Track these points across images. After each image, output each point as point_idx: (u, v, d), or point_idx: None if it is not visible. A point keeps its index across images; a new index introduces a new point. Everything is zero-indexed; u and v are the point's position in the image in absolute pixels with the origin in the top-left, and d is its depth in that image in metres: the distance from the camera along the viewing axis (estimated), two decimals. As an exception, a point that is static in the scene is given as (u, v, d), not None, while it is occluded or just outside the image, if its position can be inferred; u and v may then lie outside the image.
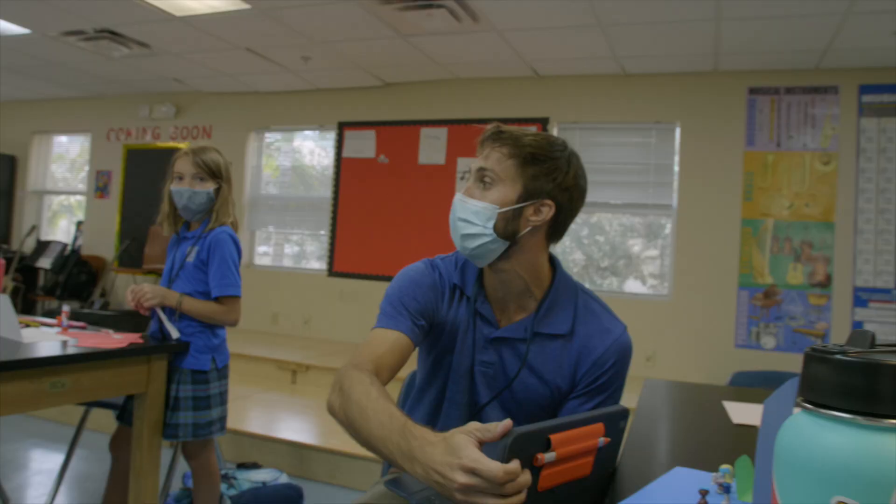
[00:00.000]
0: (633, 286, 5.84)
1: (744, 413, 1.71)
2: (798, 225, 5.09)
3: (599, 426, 1.06)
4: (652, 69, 5.49)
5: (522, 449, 0.92)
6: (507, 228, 1.35)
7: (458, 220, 1.38)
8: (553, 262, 1.48)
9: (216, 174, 2.48)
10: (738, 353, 5.16)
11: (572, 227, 1.47)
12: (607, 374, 1.38)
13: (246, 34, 5.29)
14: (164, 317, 2.39)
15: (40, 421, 4.36)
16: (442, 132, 6.26)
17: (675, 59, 5.20)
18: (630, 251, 5.90)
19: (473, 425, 0.97)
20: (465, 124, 6.13)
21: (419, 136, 6.37)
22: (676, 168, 5.53)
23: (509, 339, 1.41)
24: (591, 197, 5.67)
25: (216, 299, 2.44)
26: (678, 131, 5.53)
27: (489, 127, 1.40)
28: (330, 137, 6.89)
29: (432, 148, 6.30)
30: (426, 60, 5.70)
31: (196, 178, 2.45)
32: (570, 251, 6.08)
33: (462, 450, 0.92)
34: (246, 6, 4.62)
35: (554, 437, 0.97)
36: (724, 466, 0.97)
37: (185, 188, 2.44)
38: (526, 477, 0.92)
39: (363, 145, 6.61)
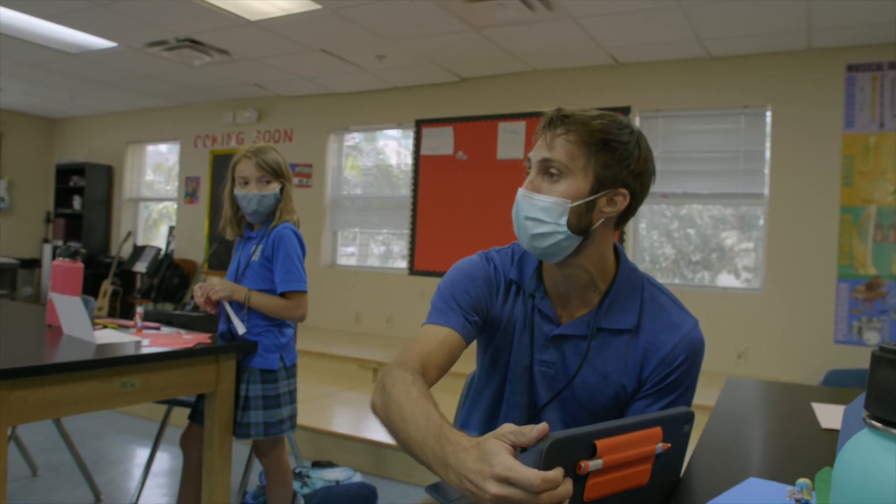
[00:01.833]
0: (726, 280, 5.56)
1: (835, 416, 1.53)
2: (905, 211, 4.71)
3: (657, 430, 0.95)
4: (739, 50, 5.20)
5: (563, 456, 0.83)
6: (581, 223, 1.24)
7: (525, 219, 1.26)
8: (616, 251, 1.37)
9: (279, 174, 2.46)
10: (837, 349, 4.83)
11: (662, 220, 1.35)
12: (676, 373, 1.26)
13: (319, 35, 5.34)
14: (231, 311, 2.39)
15: (131, 417, 4.53)
16: (520, 126, 6.15)
17: (764, 38, 4.90)
18: (723, 244, 5.62)
19: (507, 428, 0.88)
20: (544, 117, 5.99)
21: (497, 131, 6.28)
22: (768, 155, 5.22)
23: (571, 336, 1.31)
24: (677, 187, 5.39)
25: (282, 295, 2.42)
26: (769, 115, 5.23)
27: (549, 111, 1.29)
28: (410, 136, 6.88)
29: (510, 142, 6.20)
30: (501, 53, 5.60)
31: (262, 180, 2.43)
32: (658, 245, 5.85)
33: (494, 457, 0.84)
34: (317, 6, 4.65)
35: (600, 443, 0.87)
36: (802, 480, 0.84)
37: (252, 193, 2.42)
38: (567, 487, 0.82)
39: (441, 142, 6.58)
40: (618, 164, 1.24)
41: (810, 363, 4.83)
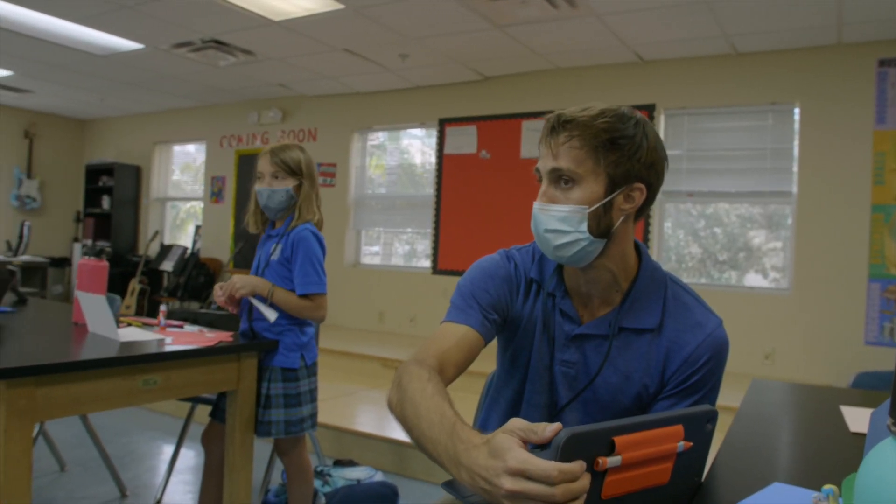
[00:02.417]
0: (753, 280, 5.48)
1: (864, 420, 1.48)
2: (938, 209, 4.60)
3: (678, 428, 0.92)
4: (766, 46, 5.12)
5: (580, 451, 0.81)
6: (601, 225, 1.22)
7: (545, 231, 1.24)
8: (638, 249, 1.34)
9: (295, 171, 2.48)
10: (868, 350, 4.73)
11: (688, 219, 1.32)
12: (700, 373, 1.23)
13: (342, 35, 5.35)
14: (257, 302, 2.40)
15: (157, 414, 4.57)
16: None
17: (792, 33, 4.82)
18: (750, 243, 5.53)
19: (516, 423, 0.85)
20: (568, 115, 5.95)
21: (520, 130, 6.25)
22: (796, 152, 5.14)
23: (593, 335, 1.29)
24: (703, 186, 5.31)
25: (301, 297, 2.43)
26: (797, 112, 5.14)
27: (549, 117, 1.25)
28: (433, 135, 6.88)
29: (534, 141, 6.13)
30: (524, 51, 5.57)
31: (274, 176, 2.46)
32: (684, 244, 5.78)
33: (507, 452, 0.82)
34: (339, 6, 4.67)
35: (619, 440, 0.84)
36: (828, 486, 0.81)
37: (264, 188, 2.47)
38: (585, 482, 0.80)
39: (464, 141, 6.57)
40: (628, 160, 1.21)
41: (839, 365, 4.74)
